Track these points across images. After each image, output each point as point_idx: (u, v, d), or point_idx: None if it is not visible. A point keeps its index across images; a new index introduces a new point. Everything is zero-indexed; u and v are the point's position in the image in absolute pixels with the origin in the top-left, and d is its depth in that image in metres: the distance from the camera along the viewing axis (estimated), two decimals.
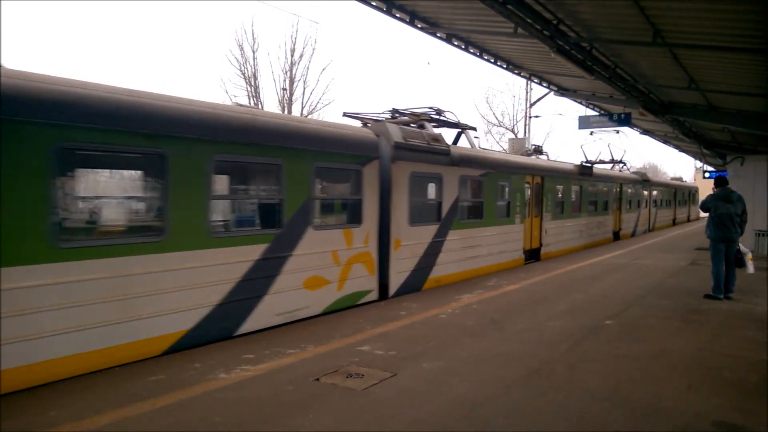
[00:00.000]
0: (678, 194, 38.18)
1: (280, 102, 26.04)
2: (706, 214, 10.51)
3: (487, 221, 13.28)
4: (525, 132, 33.77)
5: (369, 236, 9.47)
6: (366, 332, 7.49)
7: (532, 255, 16.12)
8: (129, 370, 5.87)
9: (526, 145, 20.32)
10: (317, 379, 5.59)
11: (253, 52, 25.89)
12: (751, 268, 10.66)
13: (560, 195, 17.86)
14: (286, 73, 26.30)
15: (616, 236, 23.67)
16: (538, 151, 19.28)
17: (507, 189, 14.33)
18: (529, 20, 8.55)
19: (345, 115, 11.87)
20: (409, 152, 10.33)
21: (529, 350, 6.71)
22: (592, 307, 9.24)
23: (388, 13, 10.18)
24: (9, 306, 5.10)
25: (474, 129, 14.30)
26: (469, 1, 8.34)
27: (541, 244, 16.48)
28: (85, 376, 5.65)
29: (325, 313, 8.51)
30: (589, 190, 19.96)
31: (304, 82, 26.59)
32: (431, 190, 11.79)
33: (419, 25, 11.03)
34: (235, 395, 5.15)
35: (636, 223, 26.41)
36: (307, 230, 8.12)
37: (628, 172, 27.51)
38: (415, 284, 10.70)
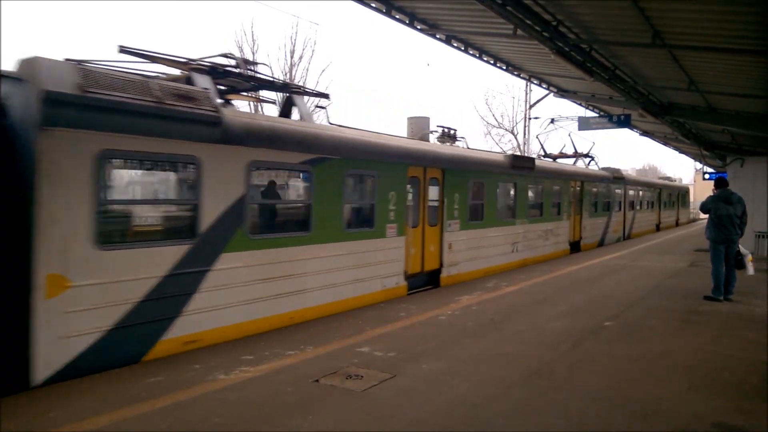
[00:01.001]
0: (663, 195, 33.13)
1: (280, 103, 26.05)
2: (702, 217, 10.54)
3: (318, 237, 8.54)
4: (525, 133, 33.79)
5: None
6: (365, 333, 7.49)
7: (429, 279, 11.63)
8: (129, 371, 5.87)
9: (430, 128, 14.01)
10: (317, 380, 5.59)
11: (253, 53, 25.89)
12: (751, 269, 10.65)
13: (478, 195, 13.18)
14: (286, 74, 26.30)
15: (576, 247, 19.13)
16: (450, 135, 13.82)
17: (370, 185, 9.84)
18: (528, 21, 8.57)
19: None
20: (97, 114, 5.79)
21: (529, 351, 6.71)
22: (591, 308, 9.24)
23: (388, 14, 10.20)
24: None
25: (325, 96, 10.37)
26: (469, 2, 8.35)
27: (442, 264, 11.77)
28: (84, 377, 5.65)
29: None
30: (530, 189, 15.60)
31: (304, 83, 26.58)
32: (165, 185, 8.49)
33: (419, 27, 11.05)
34: (234, 396, 5.15)
35: (605, 230, 22.02)
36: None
37: (596, 167, 23.26)
38: None
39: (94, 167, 5.76)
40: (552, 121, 23.68)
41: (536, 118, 33.95)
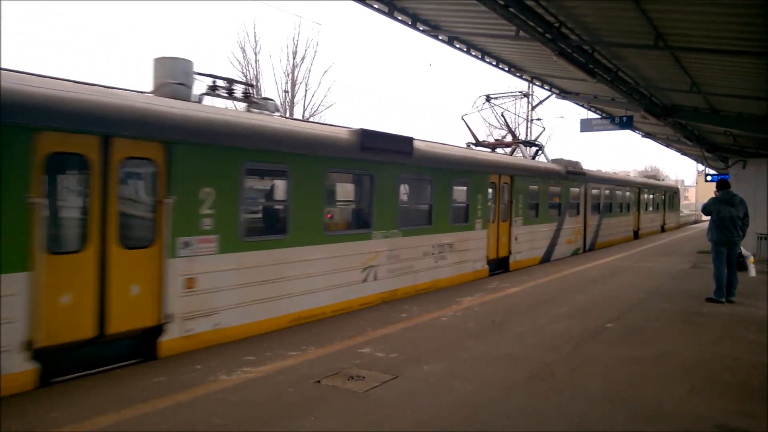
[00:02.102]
0: (644, 196, 27.98)
1: (282, 104, 26.07)
2: (703, 219, 10.54)
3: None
4: (526, 135, 33.78)
5: None
6: (367, 334, 7.49)
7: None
8: (129, 372, 5.87)
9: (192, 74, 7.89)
10: (318, 381, 5.59)
11: (255, 54, 25.90)
12: (752, 271, 10.65)
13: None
14: (288, 75, 26.32)
15: (502, 265, 14.08)
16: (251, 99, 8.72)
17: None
18: (530, 23, 8.56)
19: None
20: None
21: (531, 353, 6.71)
22: (593, 310, 9.23)
23: (390, 15, 10.21)
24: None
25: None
26: (471, 4, 8.35)
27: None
28: (84, 378, 5.66)
29: None
30: (404, 184, 10.85)
31: (306, 84, 26.59)
32: None
33: (421, 28, 11.05)
34: (236, 397, 5.15)
35: (553, 240, 16.78)
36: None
37: (543, 159, 18.89)
38: None
39: None
40: (487, 99, 17.97)
41: (539, 119, 33.99)
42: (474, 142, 17.40)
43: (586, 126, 19.09)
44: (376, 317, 8.57)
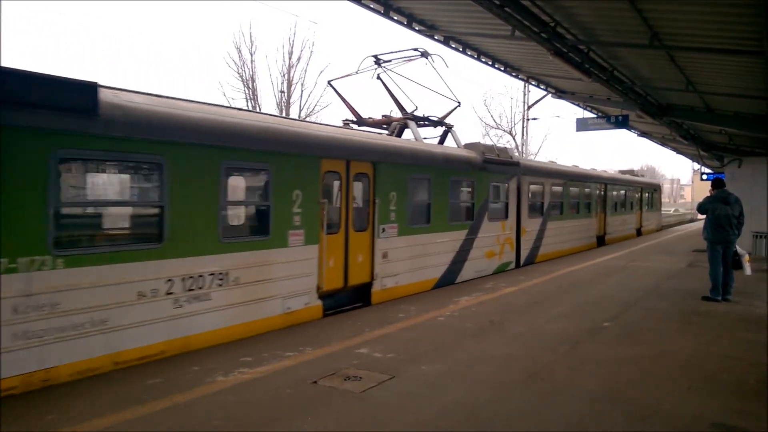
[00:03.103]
0: (614, 193, 23.37)
1: (278, 105, 26.06)
2: (700, 218, 10.58)
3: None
4: (523, 134, 33.84)
5: None
6: (364, 335, 7.48)
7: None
8: (128, 373, 5.85)
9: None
10: (315, 382, 5.58)
11: (251, 54, 25.91)
12: (748, 269, 10.69)
13: None
14: (284, 75, 26.31)
15: (360, 297, 9.84)
16: None
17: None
18: (526, 23, 8.57)
19: None
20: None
21: (529, 353, 6.71)
22: (590, 310, 9.24)
23: (386, 15, 10.20)
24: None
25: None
26: (467, 3, 8.35)
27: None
28: (83, 380, 5.63)
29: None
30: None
31: (302, 84, 26.62)
32: None
33: (417, 28, 11.06)
34: (233, 398, 5.14)
35: (460, 255, 12.36)
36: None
37: (453, 143, 13.90)
38: None
39: None
40: (377, 61, 12.91)
41: (535, 119, 34.04)
42: (354, 119, 12.73)
43: (582, 125, 19.15)
44: (374, 318, 8.56)
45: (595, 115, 19.94)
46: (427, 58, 12.67)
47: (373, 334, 7.50)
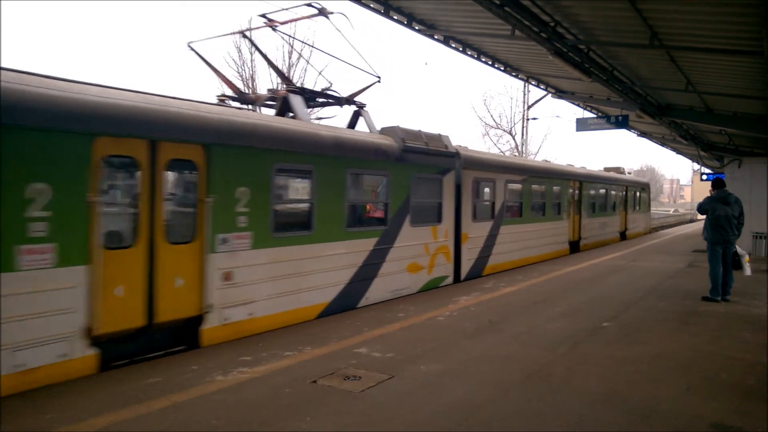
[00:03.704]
0: (591, 192, 20.50)
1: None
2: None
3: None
4: (523, 134, 33.84)
5: None
6: (364, 334, 7.48)
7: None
8: (127, 373, 5.85)
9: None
10: (314, 382, 5.58)
11: (251, 54, 25.85)
12: (748, 270, 10.70)
13: None
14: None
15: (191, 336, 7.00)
16: None
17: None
18: (526, 22, 8.57)
19: None
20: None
21: (528, 352, 6.71)
22: (590, 309, 9.24)
23: (386, 15, 10.20)
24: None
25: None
26: (467, 3, 8.36)
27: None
28: (82, 379, 5.63)
29: None
30: None
31: (302, 84, 26.53)
32: None
33: (417, 27, 11.05)
34: (232, 398, 5.14)
35: (365, 270, 9.68)
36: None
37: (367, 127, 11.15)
38: None
39: None
40: (268, 20, 10.72)
41: (534, 118, 34.02)
42: (234, 95, 10.24)
43: (582, 125, 19.13)
44: (373, 317, 8.56)
45: (594, 115, 19.94)
46: (327, 17, 10.25)
47: (372, 334, 7.50)
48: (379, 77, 11.38)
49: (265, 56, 10.70)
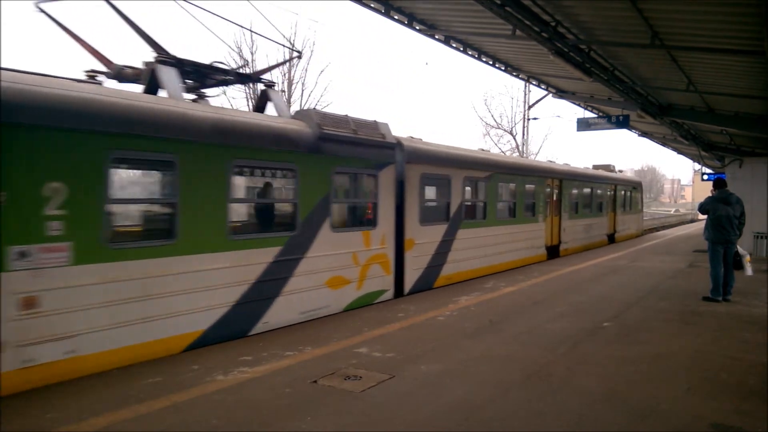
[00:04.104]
0: (573, 192, 18.72)
1: None
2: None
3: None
4: (523, 134, 33.83)
5: None
6: (364, 334, 7.48)
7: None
8: (127, 373, 5.85)
9: None
10: (315, 381, 5.58)
11: (252, 54, 25.84)
12: (749, 270, 10.68)
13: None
14: (285, 75, 26.26)
15: None
16: None
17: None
18: (527, 22, 8.57)
19: None
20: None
21: (528, 352, 6.71)
22: (590, 309, 9.24)
23: (386, 14, 10.20)
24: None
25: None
26: (468, 3, 8.36)
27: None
28: (82, 378, 5.63)
29: None
30: None
31: (303, 84, 26.53)
32: None
33: (417, 27, 11.05)
34: (232, 398, 5.14)
35: (261, 287, 7.69)
36: None
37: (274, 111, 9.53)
38: None
39: None
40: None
41: (535, 118, 34.00)
42: (108, 70, 7.86)
43: (583, 125, 19.13)
44: (373, 317, 8.56)
45: (595, 115, 19.94)
46: None
47: (373, 334, 7.50)
48: (299, 53, 10.26)
49: (129, 21, 8.00)
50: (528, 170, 15.94)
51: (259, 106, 9.78)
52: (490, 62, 13.96)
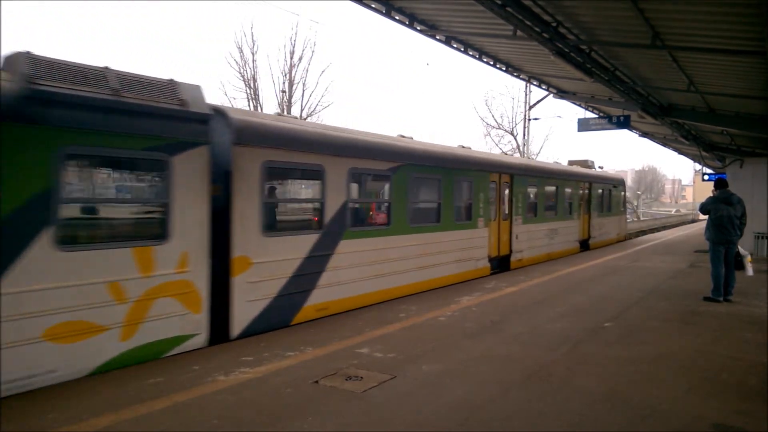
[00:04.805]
0: (530, 190, 15.59)
1: (280, 104, 26.07)
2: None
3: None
4: (524, 134, 33.81)
5: None
6: (365, 334, 7.48)
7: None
8: (127, 373, 5.86)
9: None
10: (316, 382, 5.58)
11: (253, 54, 25.87)
12: (750, 270, 10.67)
13: None
14: (286, 75, 26.29)
15: None
16: None
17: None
18: (528, 23, 8.57)
19: None
20: None
21: (528, 353, 6.71)
22: (591, 310, 9.23)
23: (388, 15, 10.20)
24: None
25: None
26: (469, 3, 8.36)
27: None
28: (82, 379, 5.64)
29: None
30: None
31: (304, 84, 26.56)
32: None
33: (418, 28, 11.05)
34: (233, 398, 5.14)
35: None
36: None
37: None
38: None
39: None
40: None
41: (536, 119, 33.99)
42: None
43: (584, 126, 19.13)
44: (374, 317, 8.56)
45: (596, 116, 19.94)
46: None
47: (374, 334, 7.50)
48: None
49: None
50: (458, 162, 12.40)
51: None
52: (491, 63, 13.96)
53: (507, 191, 14.46)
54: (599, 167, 22.94)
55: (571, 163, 21.47)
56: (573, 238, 18.83)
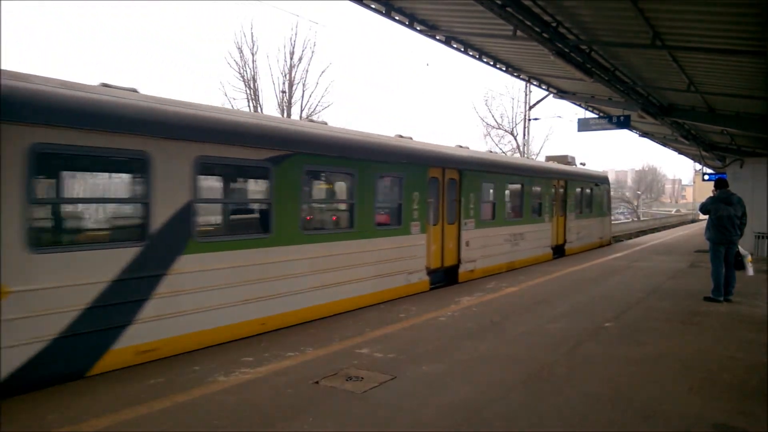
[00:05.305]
0: (488, 187, 13.67)
1: (279, 105, 26.07)
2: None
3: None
4: (524, 134, 33.81)
5: None
6: (365, 335, 7.48)
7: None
8: (128, 373, 5.85)
9: None
10: (317, 382, 5.58)
11: (253, 54, 25.87)
12: (750, 270, 10.65)
13: None
14: (286, 75, 26.28)
15: None
16: None
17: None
18: (528, 23, 8.57)
19: None
20: None
21: (529, 353, 6.70)
22: (592, 310, 9.23)
23: (388, 15, 10.19)
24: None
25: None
26: (469, 3, 8.35)
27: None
28: (83, 379, 5.64)
29: None
30: None
31: (303, 84, 26.55)
32: None
33: (418, 28, 11.04)
34: (234, 398, 5.14)
35: None
36: None
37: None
38: None
39: None
40: None
41: (536, 119, 33.99)
42: None
43: (584, 126, 19.12)
44: (375, 317, 8.56)
45: (596, 116, 19.93)
46: None
47: (374, 334, 7.50)
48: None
49: None
50: (380, 153, 10.15)
51: None
52: (491, 63, 13.95)
53: (455, 189, 12.27)
54: (581, 164, 20.89)
55: (548, 158, 19.60)
56: (544, 243, 16.58)
